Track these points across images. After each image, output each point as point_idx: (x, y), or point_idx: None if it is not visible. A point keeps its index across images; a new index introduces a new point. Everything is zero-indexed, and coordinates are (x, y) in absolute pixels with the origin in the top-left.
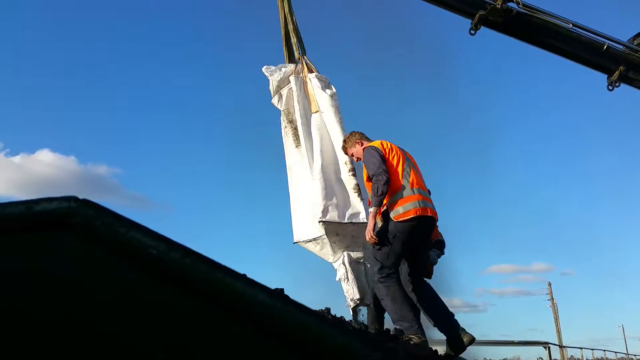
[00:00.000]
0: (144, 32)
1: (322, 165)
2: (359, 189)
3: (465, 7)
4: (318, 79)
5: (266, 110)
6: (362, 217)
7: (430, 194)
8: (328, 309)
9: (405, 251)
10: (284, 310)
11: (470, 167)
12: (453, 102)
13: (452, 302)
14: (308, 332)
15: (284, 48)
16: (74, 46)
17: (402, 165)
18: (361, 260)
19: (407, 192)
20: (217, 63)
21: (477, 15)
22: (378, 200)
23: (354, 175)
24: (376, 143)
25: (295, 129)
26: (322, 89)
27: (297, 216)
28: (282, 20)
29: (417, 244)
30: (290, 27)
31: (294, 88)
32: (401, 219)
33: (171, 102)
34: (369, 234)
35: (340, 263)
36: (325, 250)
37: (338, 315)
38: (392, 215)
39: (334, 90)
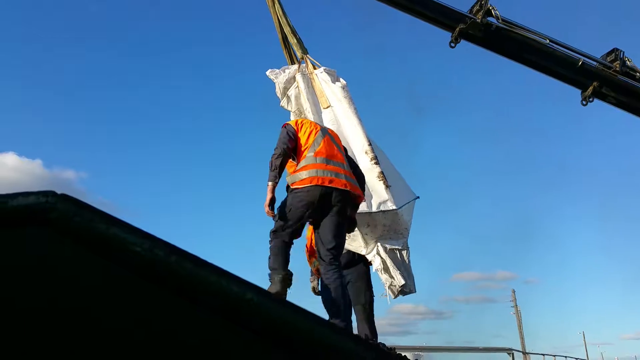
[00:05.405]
0: (109, 34)
1: None
2: (383, 176)
3: (445, 21)
4: (327, 72)
5: (237, 111)
6: (390, 205)
7: (351, 169)
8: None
9: (303, 220)
10: (273, 308)
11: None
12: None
13: (417, 308)
14: (299, 331)
15: (284, 51)
16: (38, 48)
17: (313, 137)
18: (396, 248)
19: (307, 161)
20: (188, 66)
21: (458, 29)
22: (271, 174)
23: (376, 163)
24: (292, 121)
25: None
26: (332, 82)
27: None
28: (276, 24)
29: (320, 216)
30: (287, 29)
31: (302, 86)
32: (295, 187)
33: (140, 106)
34: (265, 208)
35: (374, 254)
36: (357, 243)
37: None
38: (289, 182)
39: (344, 82)
